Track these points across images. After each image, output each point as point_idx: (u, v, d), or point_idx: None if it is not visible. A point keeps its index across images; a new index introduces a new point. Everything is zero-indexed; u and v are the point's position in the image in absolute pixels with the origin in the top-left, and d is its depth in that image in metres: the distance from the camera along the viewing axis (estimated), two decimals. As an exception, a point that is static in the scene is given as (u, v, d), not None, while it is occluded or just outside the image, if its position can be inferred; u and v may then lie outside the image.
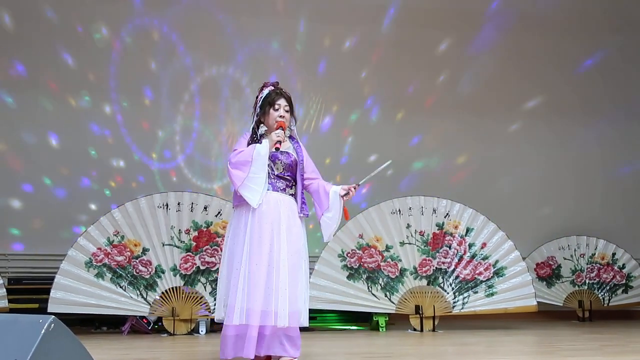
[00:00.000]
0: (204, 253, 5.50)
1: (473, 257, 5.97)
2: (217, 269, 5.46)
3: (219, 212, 5.57)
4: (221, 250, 5.45)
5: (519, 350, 4.60)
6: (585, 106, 7.86)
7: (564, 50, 7.84)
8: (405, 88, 7.55)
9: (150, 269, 5.42)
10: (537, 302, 6.00)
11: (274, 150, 3.36)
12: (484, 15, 7.70)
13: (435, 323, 5.85)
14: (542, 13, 7.74)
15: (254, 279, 3.22)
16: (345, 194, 3.44)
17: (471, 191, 7.03)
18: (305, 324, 3.40)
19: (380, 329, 5.88)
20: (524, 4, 7.73)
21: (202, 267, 5.48)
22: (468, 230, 6.00)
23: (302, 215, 3.45)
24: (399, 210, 5.93)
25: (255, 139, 3.42)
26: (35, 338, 1.86)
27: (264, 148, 3.34)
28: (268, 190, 3.36)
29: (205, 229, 5.53)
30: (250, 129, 3.49)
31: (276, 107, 3.45)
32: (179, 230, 5.50)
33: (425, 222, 5.95)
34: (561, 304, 7.00)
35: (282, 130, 3.40)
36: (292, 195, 3.46)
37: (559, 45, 7.81)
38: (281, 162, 3.41)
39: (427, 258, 5.91)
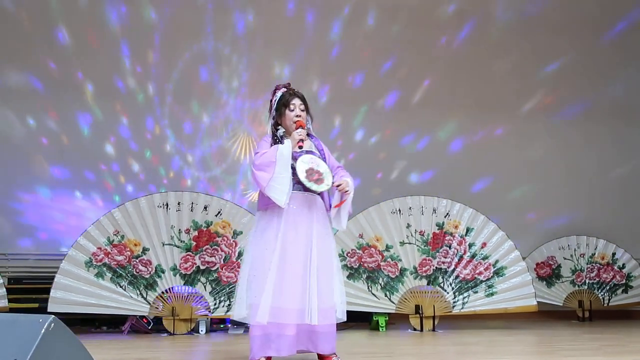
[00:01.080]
0: (204, 253, 5.50)
1: (473, 256, 5.97)
2: (217, 268, 5.47)
3: (219, 212, 5.57)
4: (221, 250, 5.49)
5: (519, 350, 4.60)
6: (585, 106, 7.86)
7: (564, 50, 7.84)
8: (406, 88, 7.55)
9: (150, 269, 5.42)
10: (537, 302, 6.00)
11: (298, 149, 3.36)
12: (479, 14, 7.71)
13: (435, 323, 5.85)
14: (541, 12, 7.74)
15: (289, 278, 3.24)
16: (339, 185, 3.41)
17: (471, 191, 7.02)
18: (344, 318, 3.44)
19: (380, 329, 5.88)
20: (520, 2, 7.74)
21: (202, 267, 5.48)
22: (468, 230, 6.00)
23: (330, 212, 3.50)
24: (399, 210, 5.93)
25: (276, 140, 3.43)
26: (35, 338, 1.86)
27: (286, 148, 3.34)
28: (294, 191, 3.34)
29: (205, 229, 5.53)
30: (269, 133, 3.51)
31: (291, 107, 3.46)
32: (179, 230, 5.50)
33: (425, 222, 5.95)
34: (561, 304, 7.00)
35: (302, 129, 3.42)
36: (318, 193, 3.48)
37: (560, 45, 7.81)
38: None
39: (427, 258, 5.91)
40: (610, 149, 7.91)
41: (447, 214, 6.01)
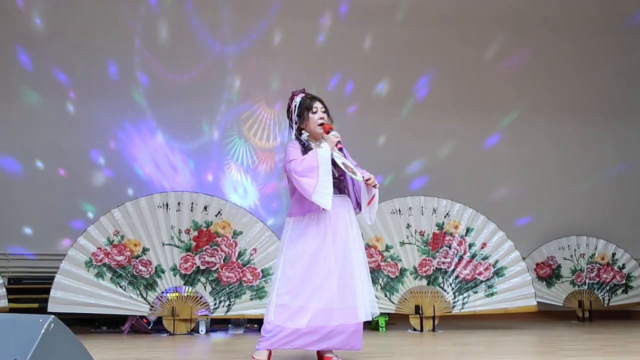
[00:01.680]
0: (204, 253, 5.50)
1: (473, 257, 5.97)
2: (217, 268, 5.47)
3: (219, 212, 5.57)
4: (221, 250, 5.49)
5: (519, 350, 4.60)
6: (585, 106, 7.86)
7: (565, 51, 7.84)
8: (408, 88, 7.55)
9: (150, 269, 5.42)
10: (537, 302, 6.00)
11: (338, 150, 3.40)
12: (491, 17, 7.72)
13: (435, 323, 5.85)
14: (542, 14, 7.74)
15: (331, 279, 3.32)
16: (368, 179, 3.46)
17: (471, 191, 7.02)
18: (377, 312, 3.55)
19: (380, 329, 5.88)
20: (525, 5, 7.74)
21: (202, 267, 5.48)
22: (468, 230, 6.00)
23: (357, 211, 3.56)
24: (399, 210, 5.93)
25: (306, 146, 3.46)
26: (35, 338, 1.86)
27: (326, 151, 3.36)
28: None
29: (205, 229, 5.53)
30: (294, 138, 3.53)
31: (314, 110, 3.49)
32: (179, 230, 5.50)
33: (425, 222, 5.95)
34: (561, 304, 7.00)
35: (332, 130, 3.46)
36: (346, 194, 3.54)
37: (561, 46, 7.81)
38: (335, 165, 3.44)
39: (427, 258, 5.91)
40: (610, 149, 7.90)
41: (447, 214, 6.01)
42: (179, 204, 5.52)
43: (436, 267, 5.91)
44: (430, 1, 7.57)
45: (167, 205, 5.50)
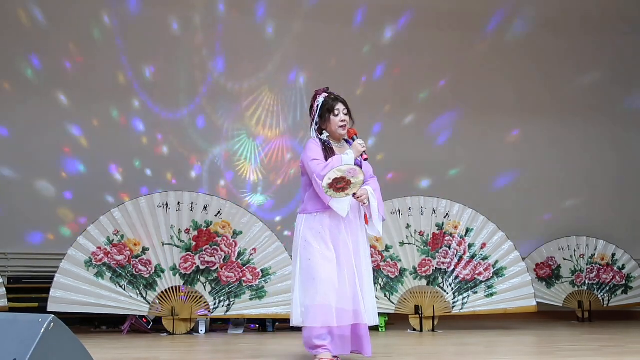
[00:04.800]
0: (204, 253, 5.49)
1: (473, 257, 5.97)
2: (217, 268, 5.47)
3: (219, 212, 5.57)
4: (221, 250, 5.49)
5: (518, 351, 4.60)
6: (586, 107, 7.86)
7: (567, 51, 7.83)
8: (411, 90, 7.55)
9: (150, 269, 5.42)
10: (537, 302, 6.00)
11: (364, 160, 3.40)
12: (491, 17, 7.71)
13: (435, 323, 5.85)
14: (549, 14, 7.74)
15: (347, 280, 3.33)
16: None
17: (471, 191, 7.03)
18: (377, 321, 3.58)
19: (380, 329, 5.88)
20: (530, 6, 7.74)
21: (201, 267, 5.48)
22: (468, 231, 6.00)
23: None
24: (399, 211, 5.93)
25: (327, 145, 3.46)
26: (35, 337, 1.86)
27: (350, 159, 3.35)
28: None
29: (205, 229, 5.53)
30: (314, 136, 3.53)
31: (335, 112, 3.48)
32: (179, 229, 5.50)
33: (425, 222, 5.95)
34: (561, 305, 7.00)
35: (357, 136, 3.45)
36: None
37: (565, 47, 7.81)
38: None
39: (427, 258, 5.91)
40: (610, 150, 7.90)
41: (447, 214, 6.01)
42: (178, 203, 5.52)
43: (436, 268, 5.91)
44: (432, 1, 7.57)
45: (167, 205, 5.50)
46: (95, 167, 6.72)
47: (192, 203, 5.54)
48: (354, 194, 3.39)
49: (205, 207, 5.55)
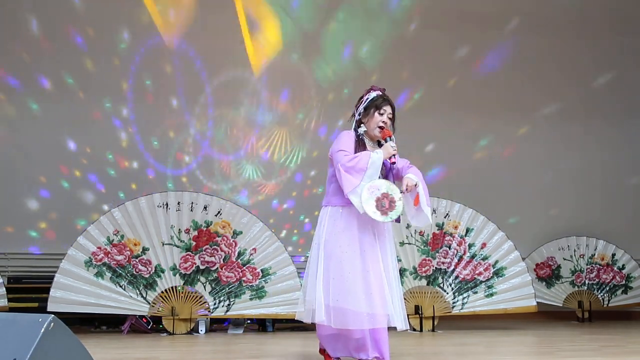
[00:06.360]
0: (204, 252, 5.49)
1: (473, 257, 5.97)
2: (217, 268, 5.47)
3: (219, 212, 5.57)
4: (221, 250, 5.49)
5: (518, 351, 4.60)
6: (586, 109, 7.86)
7: (572, 55, 7.82)
8: (412, 91, 7.55)
9: (149, 269, 5.42)
10: (537, 302, 6.01)
11: (392, 163, 3.37)
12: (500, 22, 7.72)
13: (435, 323, 5.86)
14: (551, 15, 7.74)
15: (373, 281, 3.26)
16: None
17: (471, 191, 7.02)
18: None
19: (380, 329, 5.87)
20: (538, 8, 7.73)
21: (201, 267, 5.48)
22: (468, 231, 6.00)
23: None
24: (399, 210, 5.92)
25: (360, 139, 3.44)
26: (35, 337, 1.86)
27: (379, 158, 3.32)
28: None
29: (205, 229, 5.53)
30: (352, 128, 3.51)
31: (381, 111, 3.46)
32: (179, 229, 5.50)
33: (425, 222, 5.94)
34: (561, 305, 7.01)
35: (390, 138, 3.41)
36: None
37: (570, 51, 7.79)
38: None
39: (427, 258, 5.91)
40: (609, 150, 7.90)
41: (447, 214, 6.01)
42: (178, 203, 5.52)
43: (436, 267, 5.91)
44: (434, 2, 7.56)
45: (167, 205, 5.50)
46: (96, 167, 6.72)
47: (192, 203, 5.54)
48: (406, 189, 3.34)
49: (205, 207, 5.55)
